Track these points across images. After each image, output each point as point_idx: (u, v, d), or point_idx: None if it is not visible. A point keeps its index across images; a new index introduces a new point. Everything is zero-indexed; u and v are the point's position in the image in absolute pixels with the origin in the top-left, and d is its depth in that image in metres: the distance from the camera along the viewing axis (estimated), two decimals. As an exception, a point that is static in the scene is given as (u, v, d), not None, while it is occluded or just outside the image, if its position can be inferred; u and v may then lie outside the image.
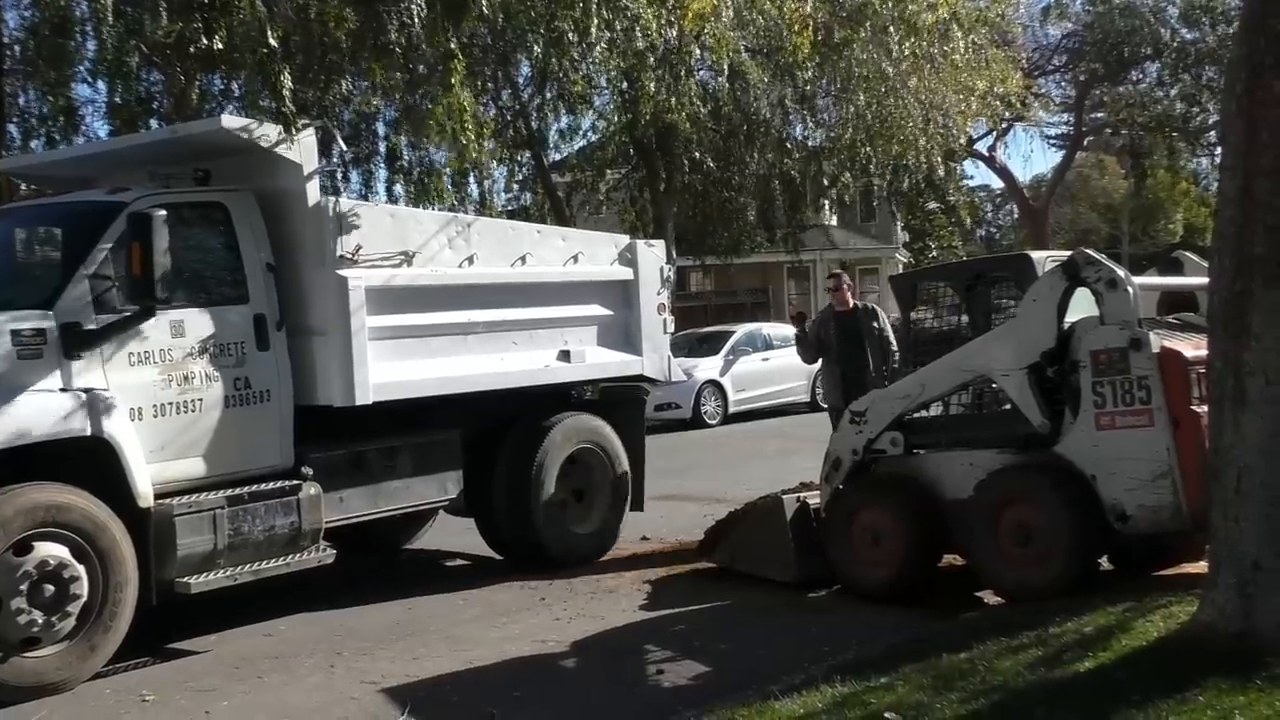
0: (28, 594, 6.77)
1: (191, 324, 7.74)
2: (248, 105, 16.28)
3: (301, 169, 8.31)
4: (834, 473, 8.44)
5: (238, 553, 7.69)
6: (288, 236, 8.33)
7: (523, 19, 15.55)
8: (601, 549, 10.02)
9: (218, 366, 7.83)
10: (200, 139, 8.30)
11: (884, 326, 10.70)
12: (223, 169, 8.33)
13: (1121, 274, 7.30)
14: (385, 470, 8.70)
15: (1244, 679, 5.09)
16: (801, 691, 5.78)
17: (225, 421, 7.82)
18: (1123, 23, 32.58)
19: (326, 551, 8.23)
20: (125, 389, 7.34)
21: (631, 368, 10.34)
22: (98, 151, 10.21)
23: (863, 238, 42.83)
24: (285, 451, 8.14)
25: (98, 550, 7.04)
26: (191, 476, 7.69)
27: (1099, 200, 55.34)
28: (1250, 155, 5.71)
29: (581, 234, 11.12)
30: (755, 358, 22.61)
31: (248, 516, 7.73)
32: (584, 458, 9.99)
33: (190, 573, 7.48)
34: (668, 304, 10.64)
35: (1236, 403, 5.70)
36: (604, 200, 29.19)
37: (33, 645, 6.83)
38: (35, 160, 11.52)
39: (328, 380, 8.28)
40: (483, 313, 9.22)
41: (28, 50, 16.82)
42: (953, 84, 23.80)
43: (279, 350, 8.14)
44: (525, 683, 6.76)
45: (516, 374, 9.40)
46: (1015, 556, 7.44)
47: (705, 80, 21.40)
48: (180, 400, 7.64)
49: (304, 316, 8.31)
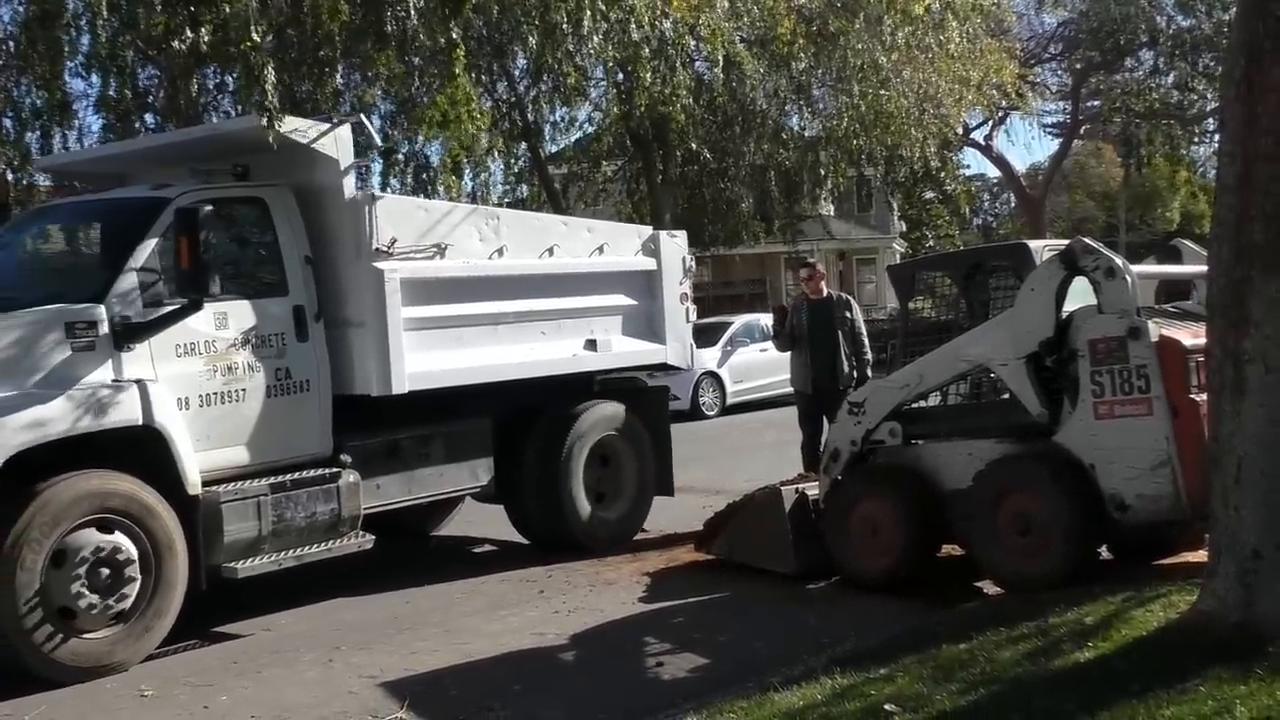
0: (86, 577, 6.99)
1: (234, 316, 7.94)
2: (242, 99, 16.23)
3: (338, 164, 8.51)
4: (832, 464, 8.43)
5: (281, 539, 7.92)
6: (325, 230, 8.53)
7: (518, 10, 15.53)
8: (628, 534, 10.21)
9: (259, 357, 8.03)
10: (239, 135, 8.47)
11: (856, 318, 10.86)
12: (260, 164, 8.52)
13: (1119, 262, 7.27)
14: (420, 458, 8.92)
15: (1245, 668, 5.08)
16: (801, 683, 5.78)
17: (267, 411, 8.03)
18: (1118, 10, 32.50)
19: (365, 538, 8.42)
20: (173, 379, 7.57)
21: (656, 356, 10.56)
22: (135, 149, 10.46)
23: (860, 228, 42.82)
24: (324, 440, 8.35)
25: (150, 536, 7.27)
26: (236, 464, 7.90)
27: (1096, 188, 55.32)
28: (1249, 142, 5.69)
29: (606, 225, 11.38)
30: (753, 349, 22.57)
31: (290, 503, 7.96)
32: (611, 444, 10.20)
33: (236, 558, 7.71)
34: (689, 293, 10.83)
35: (1236, 391, 5.68)
36: (601, 191, 29.16)
37: (89, 627, 7.03)
38: (72, 158, 11.88)
39: (365, 370, 8.48)
40: (512, 303, 9.43)
41: (20, 44, 16.74)
42: (948, 74, 23.77)
43: (317, 341, 8.35)
44: (524, 676, 6.75)
45: (545, 363, 9.62)
46: (1014, 546, 7.43)
47: (701, 71, 21.36)
48: (225, 390, 7.86)
49: (341, 308, 8.53)
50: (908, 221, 47.36)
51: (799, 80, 23.14)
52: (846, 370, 10.55)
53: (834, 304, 10.89)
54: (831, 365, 10.58)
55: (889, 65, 22.69)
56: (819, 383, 10.58)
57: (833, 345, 10.62)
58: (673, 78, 17.96)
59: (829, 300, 10.93)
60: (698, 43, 18.35)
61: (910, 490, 8.01)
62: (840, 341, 10.63)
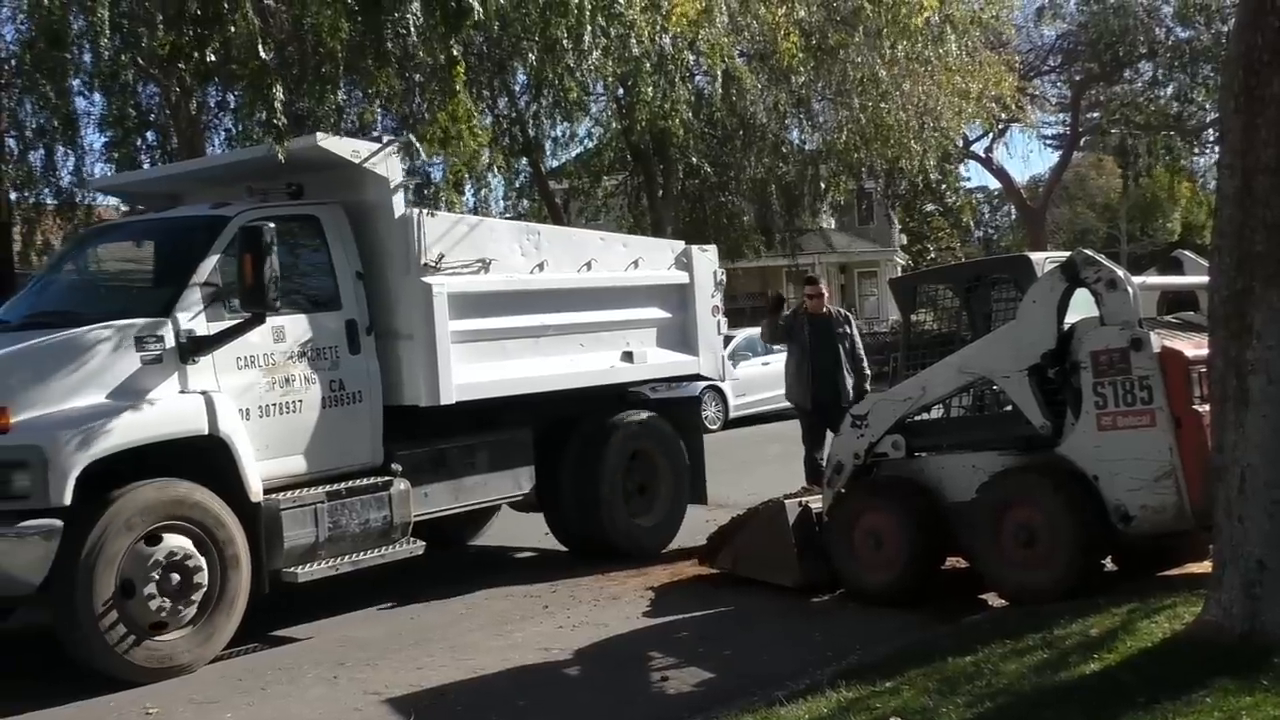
0: (157, 582, 7.25)
1: (291, 329, 8.22)
2: (243, 117, 16.27)
3: (388, 182, 8.79)
4: (836, 476, 8.43)
5: (336, 545, 8.18)
6: (375, 246, 8.80)
7: (518, 26, 15.56)
8: (664, 541, 10.40)
9: (315, 369, 8.31)
10: (294, 155, 8.59)
11: (855, 335, 11.02)
12: (312, 183, 8.79)
13: (1121, 274, 7.29)
14: (465, 467, 9.21)
15: (1250, 679, 5.08)
16: (806, 697, 5.77)
17: (322, 421, 8.30)
18: (1117, 22, 32.53)
19: (416, 544, 8.69)
20: (234, 391, 7.83)
21: (689, 367, 10.92)
22: (189, 170, 10.75)
23: (861, 240, 42.87)
24: (376, 449, 8.60)
25: (216, 542, 7.53)
26: (293, 473, 8.16)
27: (1097, 200, 55.36)
28: (1249, 153, 5.71)
29: (641, 240, 11.84)
30: (756, 362, 22.56)
31: (345, 510, 8.23)
32: (646, 453, 10.46)
33: (295, 563, 7.98)
34: (720, 306, 11.07)
35: (1239, 402, 5.69)
36: (602, 207, 29.19)
37: (160, 630, 7.32)
38: (127, 179, 12.28)
39: (414, 381, 8.73)
40: (553, 316, 9.72)
41: (24, 64, 16.81)
42: (947, 87, 23.80)
43: (369, 353, 8.62)
44: (529, 691, 6.74)
45: (584, 374, 9.88)
46: (1018, 558, 7.43)
47: (701, 86, 21.40)
48: (282, 401, 8.11)
49: (391, 321, 8.78)
50: (909, 234, 47.45)
51: (799, 94, 23.17)
52: (847, 386, 10.60)
53: (834, 320, 10.97)
54: (834, 380, 10.64)
55: (888, 79, 22.71)
56: (820, 397, 10.63)
57: (834, 360, 10.72)
58: (673, 92, 17.97)
59: (829, 316, 11.00)
60: (697, 58, 18.38)
61: (914, 503, 8.01)
62: (841, 357, 10.69)
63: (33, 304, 8.85)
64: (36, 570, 6.92)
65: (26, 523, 6.88)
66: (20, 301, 9.17)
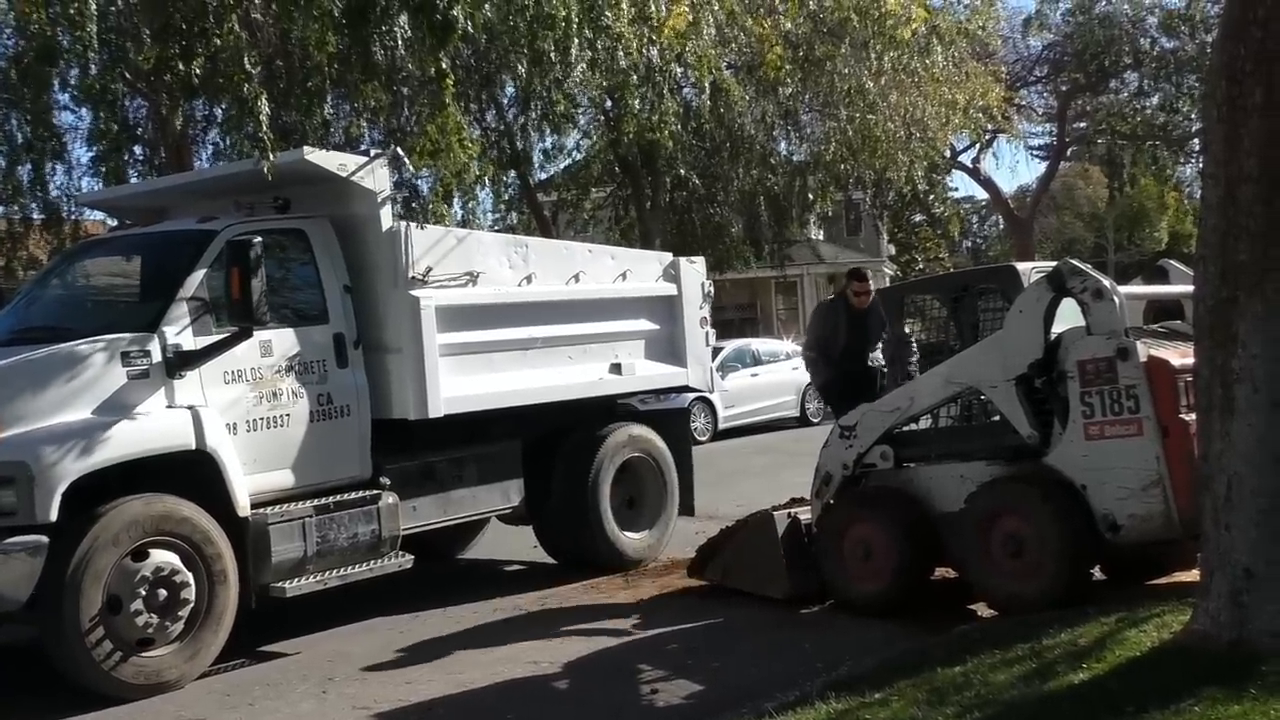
0: (144, 597, 7.22)
1: (278, 344, 8.20)
2: (229, 131, 16.25)
3: (376, 196, 8.79)
4: (824, 488, 8.43)
5: (325, 559, 8.17)
6: (362, 259, 8.79)
7: (506, 39, 15.57)
8: (653, 553, 10.40)
9: (302, 383, 8.30)
10: (282, 169, 8.58)
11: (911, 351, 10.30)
12: (299, 197, 8.79)
13: (1107, 284, 7.31)
14: (454, 480, 9.20)
15: (1238, 688, 5.08)
16: (796, 708, 5.77)
17: (310, 435, 8.29)
18: (1102, 33, 32.69)
19: (405, 557, 8.68)
20: (222, 405, 7.82)
21: (677, 379, 10.90)
22: (176, 184, 10.72)
23: (849, 251, 42.88)
24: (364, 463, 8.60)
25: (204, 558, 7.51)
26: (281, 487, 8.14)
27: (1084, 210, 55.54)
28: (1232, 162, 5.73)
29: (629, 252, 11.82)
30: (744, 373, 22.59)
31: (333, 524, 8.21)
32: (635, 466, 10.44)
33: (283, 578, 7.96)
34: (709, 317, 11.06)
35: (1225, 410, 5.71)
36: (590, 218, 29.21)
37: (147, 646, 7.28)
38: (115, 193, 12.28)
39: (402, 395, 8.72)
40: (541, 329, 9.69)
41: (10, 79, 16.78)
42: (934, 98, 23.88)
43: (357, 367, 8.62)
44: (518, 705, 6.73)
45: (573, 386, 9.87)
46: (1007, 568, 7.43)
47: (688, 98, 21.44)
48: (270, 415, 8.10)
49: (379, 335, 8.78)
50: (897, 244, 47.50)
51: (786, 105, 23.23)
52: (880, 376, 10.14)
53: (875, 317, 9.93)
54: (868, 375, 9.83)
55: (875, 90, 22.78)
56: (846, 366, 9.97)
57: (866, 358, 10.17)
58: (660, 104, 18.01)
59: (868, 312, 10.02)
60: (685, 70, 18.41)
61: (902, 513, 8.01)
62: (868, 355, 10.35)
63: (19, 319, 8.82)
64: (22, 587, 6.88)
65: (12, 539, 6.84)
66: (6, 317, 9.13)
